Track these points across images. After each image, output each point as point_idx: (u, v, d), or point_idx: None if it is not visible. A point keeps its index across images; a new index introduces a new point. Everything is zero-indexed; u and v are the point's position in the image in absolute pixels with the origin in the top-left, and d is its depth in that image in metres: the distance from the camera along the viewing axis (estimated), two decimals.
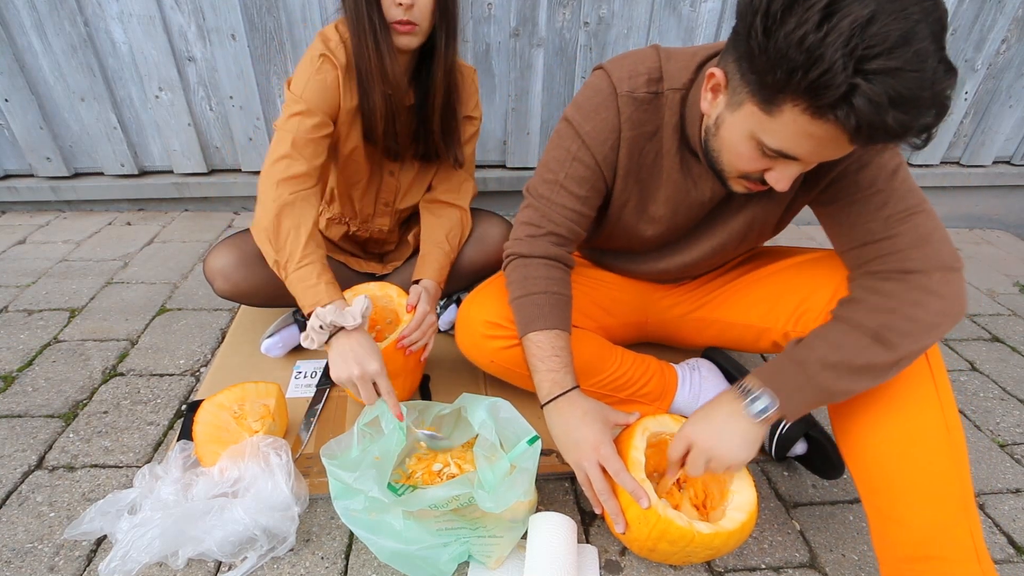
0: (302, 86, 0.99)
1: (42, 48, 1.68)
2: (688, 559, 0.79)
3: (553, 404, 0.83)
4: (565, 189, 0.88)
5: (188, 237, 1.84)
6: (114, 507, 0.85)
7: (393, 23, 0.94)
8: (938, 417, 0.72)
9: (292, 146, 0.97)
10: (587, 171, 0.86)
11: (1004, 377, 1.36)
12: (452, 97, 1.10)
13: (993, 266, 1.96)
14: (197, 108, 1.82)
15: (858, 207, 0.76)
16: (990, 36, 1.86)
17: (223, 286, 1.13)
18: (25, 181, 1.91)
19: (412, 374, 1.08)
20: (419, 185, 1.24)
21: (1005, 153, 2.17)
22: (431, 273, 1.12)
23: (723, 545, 0.75)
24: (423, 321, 1.03)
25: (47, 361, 1.23)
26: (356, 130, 1.08)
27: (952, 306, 0.71)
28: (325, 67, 0.99)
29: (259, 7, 1.66)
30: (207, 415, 0.92)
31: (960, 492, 0.70)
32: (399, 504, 0.76)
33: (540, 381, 0.85)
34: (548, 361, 0.84)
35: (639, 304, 1.13)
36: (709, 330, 1.09)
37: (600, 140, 0.84)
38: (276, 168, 0.97)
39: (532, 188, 0.92)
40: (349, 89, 1.02)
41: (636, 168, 0.86)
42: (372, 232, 1.29)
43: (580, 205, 0.89)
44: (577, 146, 0.85)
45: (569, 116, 0.86)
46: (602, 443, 0.79)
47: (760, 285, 0.99)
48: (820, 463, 0.99)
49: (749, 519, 0.76)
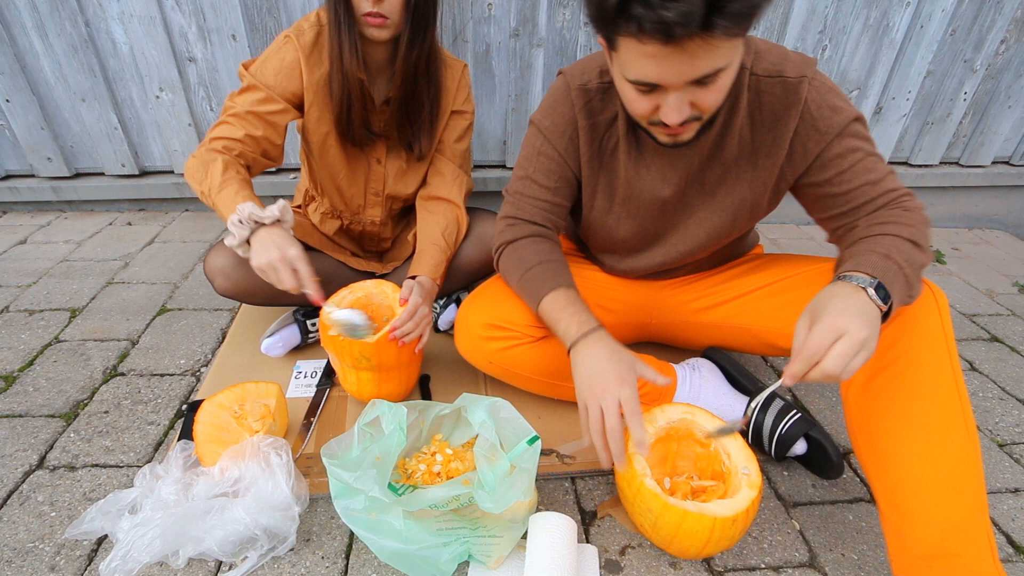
0: (257, 66, 1.06)
1: (43, 48, 1.68)
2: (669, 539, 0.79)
3: (582, 342, 0.83)
4: (535, 182, 0.96)
5: (189, 237, 1.84)
6: (115, 507, 0.85)
7: (364, 15, 0.97)
8: (959, 415, 0.72)
9: (232, 115, 1.04)
10: (552, 163, 0.94)
11: (1003, 377, 1.36)
12: (420, 87, 1.11)
13: (992, 266, 1.96)
14: (198, 108, 1.83)
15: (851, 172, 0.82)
16: (989, 36, 1.87)
17: (223, 284, 1.13)
18: (26, 181, 1.92)
19: (407, 368, 1.08)
20: (411, 175, 1.24)
21: (1004, 153, 2.17)
22: (426, 270, 1.13)
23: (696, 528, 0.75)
24: (415, 313, 1.03)
25: (48, 361, 1.24)
26: (327, 116, 1.10)
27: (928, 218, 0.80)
28: (285, 48, 1.05)
29: (259, 7, 1.67)
30: (207, 415, 0.92)
31: (976, 490, 0.71)
32: (399, 504, 0.76)
33: (566, 327, 0.85)
34: (567, 309, 0.86)
35: (642, 304, 1.13)
36: (715, 333, 1.10)
37: (559, 133, 0.92)
38: (212, 132, 1.04)
39: (508, 187, 1.01)
40: (314, 65, 1.06)
41: (598, 154, 0.93)
42: (365, 225, 1.30)
43: (551, 195, 0.96)
44: (540, 142, 0.94)
45: (533, 119, 0.96)
46: (626, 382, 0.78)
47: (772, 295, 1.00)
48: (820, 463, 0.99)
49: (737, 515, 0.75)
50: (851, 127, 0.81)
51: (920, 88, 1.95)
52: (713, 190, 0.92)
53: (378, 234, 1.33)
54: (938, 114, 2.03)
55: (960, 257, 2.01)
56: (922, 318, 0.75)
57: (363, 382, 1.06)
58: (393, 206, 1.29)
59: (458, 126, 1.22)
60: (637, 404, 0.77)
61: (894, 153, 2.09)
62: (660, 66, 0.65)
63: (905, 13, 1.78)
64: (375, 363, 1.02)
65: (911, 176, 2.12)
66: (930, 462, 0.71)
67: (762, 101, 0.83)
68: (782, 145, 0.85)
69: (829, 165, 0.83)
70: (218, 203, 0.98)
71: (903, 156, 2.13)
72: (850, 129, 0.81)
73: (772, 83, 0.81)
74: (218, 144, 1.02)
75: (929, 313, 0.76)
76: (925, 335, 0.75)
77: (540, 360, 1.00)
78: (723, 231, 0.98)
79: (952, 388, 0.73)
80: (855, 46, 1.84)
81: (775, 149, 0.85)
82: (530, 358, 1.00)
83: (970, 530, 0.69)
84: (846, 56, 1.86)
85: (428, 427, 0.95)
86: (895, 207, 0.81)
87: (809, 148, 0.83)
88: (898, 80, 1.92)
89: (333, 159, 1.17)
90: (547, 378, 1.03)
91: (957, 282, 1.83)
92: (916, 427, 0.73)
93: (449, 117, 1.21)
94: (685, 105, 0.70)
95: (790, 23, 1.77)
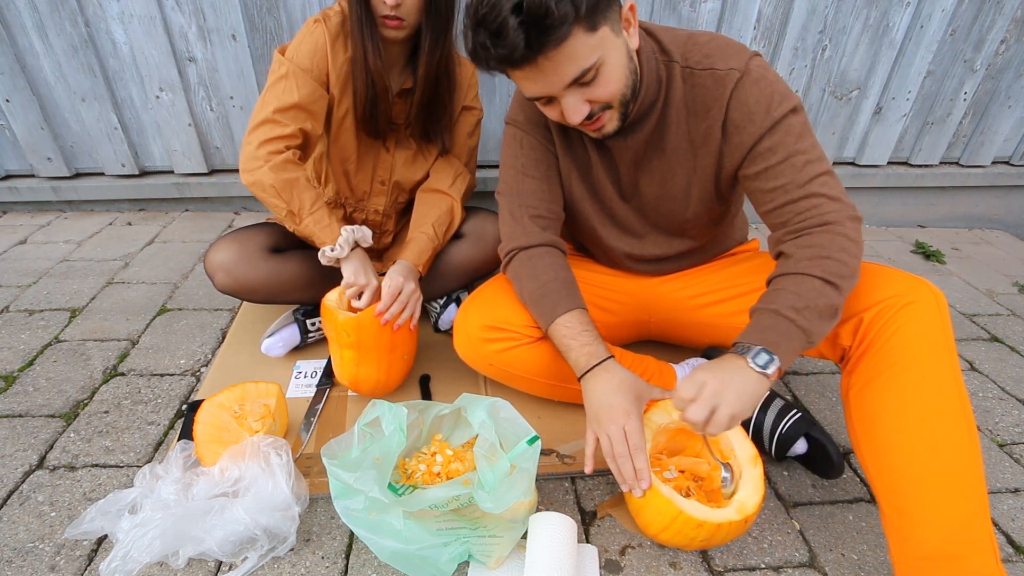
0: (294, 49, 1.08)
1: (43, 49, 1.68)
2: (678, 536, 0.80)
3: (591, 374, 0.86)
4: (526, 175, 0.99)
5: (189, 237, 1.84)
6: (115, 507, 0.85)
7: (382, 16, 1.01)
8: (960, 416, 0.73)
9: (277, 111, 1.05)
10: (537, 152, 0.99)
11: (1003, 377, 1.36)
12: (441, 87, 1.16)
13: (992, 266, 1.96)
14: (198, 108, 1.83)
15: (777, 169, 0.83)
16: (989, 36, 1.87)
17: (224, 280, 1.13)
18: (26, 181, 1.91)
19: (388, 352, 1.08)
20: (417, 165, 1.26)
21: (1004, 153, 2.17)
22: (411, 256, 1.15)
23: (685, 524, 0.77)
24: (397, 293, 1.05)
25: (48, 361, 1.24)
26: (347, 99, 1.13)
27: (862, 250, 0.81)
28: (316, 31, 1.08)
29: (260, 7, 1.67)
30: (207, 415, 0.92)
31: (978, 491, 0.71)
32: (399, 504, 0.76)
33: (576, 357, 0.88)
34: (580, 337, 0.89)
35: (640, 302, 1.14)
36: (714, 332, 1.10)
37: (534, 122, 0.98)
38: (262, 129, 1.05)
39: (500, 189, 1.03)
40: (339, 49, 1.09)
41: (568, 145, 0.98)
42: (368, 213, 1.31)
43: (546, 184, 1.00)
44: (521, 135, 0.99)
45: (507, 119, 1.02)
46: (631, 414, 0.82)
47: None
48: (820, 463, 0.99)
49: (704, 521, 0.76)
50: (784, 122, 0.82)
51: (920, 88, 1.95)
52: (660, 177, 0.96)
53: (380, 224, 1.33)
54: (938, 114, 2.03)
55: (960, 257, 2.01)
56: (922, 320, 0.76)
57: (344, 360, 1.07)
58: (399, 198, 1.31)
59: (468, 122, 1.26)
60: (640, 437, 0.81)
61: (894, 153, 2.09)
62: (533, 83, 0.76)
63: (905, 13, 1.78)
64: (354, 340, 1.03)
65: (911, 176, 2.12)
66: (933, 465, 0.72)
67: (695, 93, 0.87)
68: (714, 135, 0.88)
69: (759, 159, 0.84)
70: (309, 224, 1.06)
71: (903, 156, 2.13)
72: (783, 124, 0.82)
73: (704, 75, 0.85)
74: (278, 146, 1.05)
75: (930, 315, 0.76)
76: (926, 337, 0.75)
77: (539, 361, 1.00)
78: (680, 218, 1.02)
79: (953, 390, 0.74)
80: (855, 46, 1.84)
81: (709, 139, 0.89)
82: (529, 359, 1.00)
83: (973, 532, 0.69)
84: (846, 56, 1.86)
85: (428, 427, 0.95)
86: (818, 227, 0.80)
87: (744, 140, 0.85)
88: (898, 80, 1.92)
89: (346, 142, 1.19)
90: (546, 379, 1.03)
91: (957, 282, 1.83)
92: (918, 430, 0.73)
93: (460, 113, 1.24)
94: (582, 104, 0.78)
95: (790, 23, 1.77)
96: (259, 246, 1.16)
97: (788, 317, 0.75)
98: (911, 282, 0.79)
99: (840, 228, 0.79)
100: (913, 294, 0.77)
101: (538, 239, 0.97)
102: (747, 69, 0.82)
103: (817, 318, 0.75)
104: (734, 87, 0.83)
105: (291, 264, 1.18)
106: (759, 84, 0.82)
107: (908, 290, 0.78)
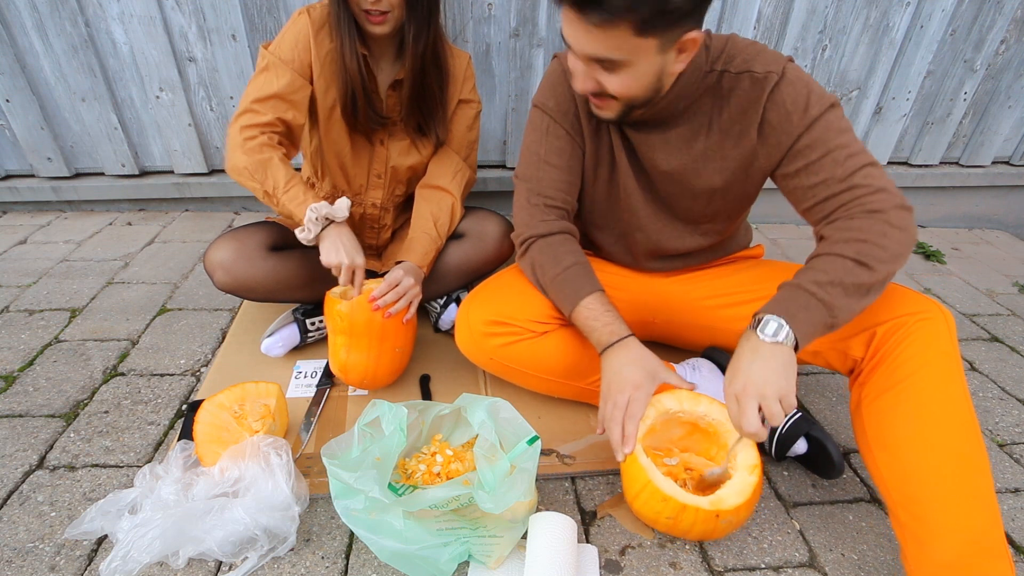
0: (275, 43, 1.09)
1: (43, 48, 1.68)
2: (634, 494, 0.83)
3: (611, 349, 0.89)
4: (547, 163, 1.00)
5: (189, 237, 1.84)
6: (115, 507, 0.85)
7: (365, 12, 1.02)
8: (972, 429, 0.75)
9: (255, 102, 1.06)
10: (560, 141, 0.99)
11: (1003, 377, 1.36)
12: (430, 79, 1.15)
13: (992, 266, 1.96)
14: (198, 108, 1.83)
15: (818, 165, 0.84)
16: (989, 36, 1.87)
17: (223, 278, 1.13)
18: (26, 181, 1.91)
19: (379, 342, 1.07)
20: (413, 157, 1.26)
21: (1004, 153, 2.17)
22: (415, 258, 1.15)
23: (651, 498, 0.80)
24: (395, 284, 1.06)
25: (48, 361, 1.24)
26: (333, 89, 1.13)
27: (910, 238, 0.80)
28: (299, 21, 1.09)
29: (259, 7, 1.67)
30: (207, 415, 0.92)
31: (992, 501, 0.73)
32: (399, 504, 0.76)
33: (600, 336, 0.91)
34: (603, 317, 0.92)
35: (644, 302, 1.14)
36: (716, 335, 1.11)
37: (563, 111, 0.98)
38: (241, 119, 1.07)
39: (519, 172, 1.04)
40: (323, 39, 1.09)
41: (596, 130, 0.98)
42: (366, 207, 1.31)
43: (565, 174, 1.00)
44: (548, 122, 0.99)
45: (535, 101, 1.01)
46: (641, 387, 0.84)
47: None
48: (820, 463, 0.99)
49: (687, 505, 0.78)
50: (823, 118, 0.82)
51: (920, 88, 1.95)
52: (686, 176, 0.97)
53: (378, 218, 1.33)
54: (938, 114, 2.03)
55: (960, 257, 2.01)
56: (934, 334, 0.79)
57: (337, 345, 1.08)
58: (396, 191, 1.31)
59: (467, 115, 1.26)
60: (640, 408, 0.84)
61: (894, 153, 2.09)
62: (570, 28, 0.76)
63: (905, 13, 1.78)
64: (346, 324, 1.04)
65: (911, 176, 2.12)
66: (951, 474, 0.73)
67: (732, 95, 0.88)
68: (749, 136, 0.89)
69: (799, 156, 0.85)
70: (285, 203, 1.05)
71: (903, 156, 2.13)
72: (822, 120, 0.82)
73: (741, 78, 0.86)
74: (253, 132, 1.05)
75: (941, 330, 0.79)
76: (939, 350, 0.78)
77: (541, 356, 1.00)
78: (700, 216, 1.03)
79: (964, 402, 0.76)
80: (855, 46, 1.84)
81: (742, 140, 0.90)
82: (531, 354, 1.00)
83: (990, 541, 0.71)
84: (846, 56, 1.86)
85: (428, 427, 0.95)
86: (860, 214, 0.80)
87: (782, 140, 0.86)
88: (898, 80, 1.92)
89: (338, 136, 1.20)
90: (548, 375, 1.02)
91: (957, 282, 1.83)
92: (936, 439, 0.75)
93: (456, 106, 1.24)
94: (589, 79, 0.81)
95: (790, 23, 1.77)
96: (258, 244, 1.16)
97: (808, 290, 0.76)
98: (925, 302, 0.83)
99: (883, 216, 0.79)
100: (926, 312, 0.80)
101: (556, 227, 0.99)
102: (784, 72, 0.84)
103: (843, 295, 0.76)
104: (772, 89, 0.84)
105: (290, 262, 1.18)
106: (795, 85, 0.84)
107: (921, 308, 0.81)
